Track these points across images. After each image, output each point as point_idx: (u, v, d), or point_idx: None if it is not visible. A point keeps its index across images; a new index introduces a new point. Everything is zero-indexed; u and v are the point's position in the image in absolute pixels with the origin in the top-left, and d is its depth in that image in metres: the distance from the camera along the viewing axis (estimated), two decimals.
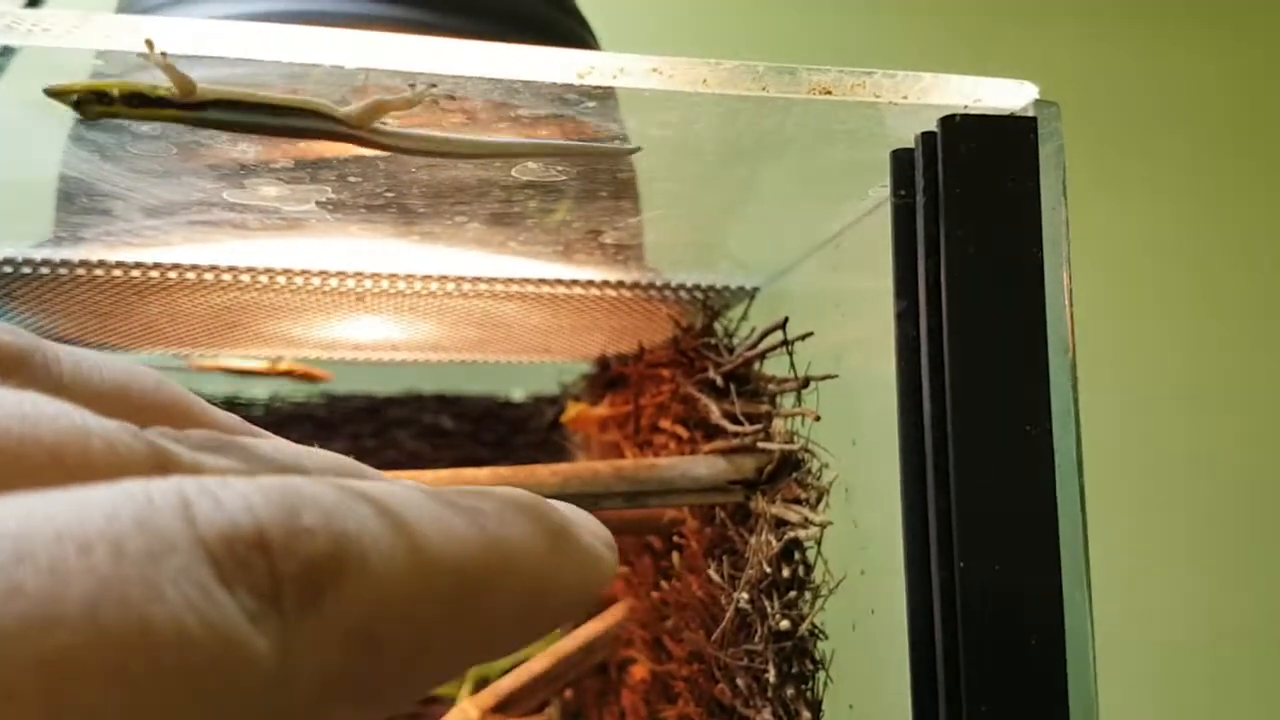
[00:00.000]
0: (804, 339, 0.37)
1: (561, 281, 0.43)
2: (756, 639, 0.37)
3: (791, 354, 0.37)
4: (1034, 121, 0.27)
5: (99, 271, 0.38)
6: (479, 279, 0.42)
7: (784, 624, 0.36)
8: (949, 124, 0.27)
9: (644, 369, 0.50)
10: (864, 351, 0.34)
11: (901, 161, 0.28)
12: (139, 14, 0.36)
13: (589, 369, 0.61)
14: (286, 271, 0.40)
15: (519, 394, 0.69)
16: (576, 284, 0.43)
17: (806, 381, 0.37)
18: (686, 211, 0.38)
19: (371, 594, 0.11)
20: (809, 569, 0.36)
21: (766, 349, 0.39)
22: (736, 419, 0.39)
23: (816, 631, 0.36)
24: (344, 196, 0.32)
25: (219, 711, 0.09)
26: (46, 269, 0.38)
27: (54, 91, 0.24)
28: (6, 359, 0.13)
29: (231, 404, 0.63)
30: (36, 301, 0.41)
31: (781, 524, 0.37)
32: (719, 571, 0.40)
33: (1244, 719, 0.82)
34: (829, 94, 0.27)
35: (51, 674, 0.08)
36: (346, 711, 0.11)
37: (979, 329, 0.26)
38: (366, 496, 0.11)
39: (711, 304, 0.46)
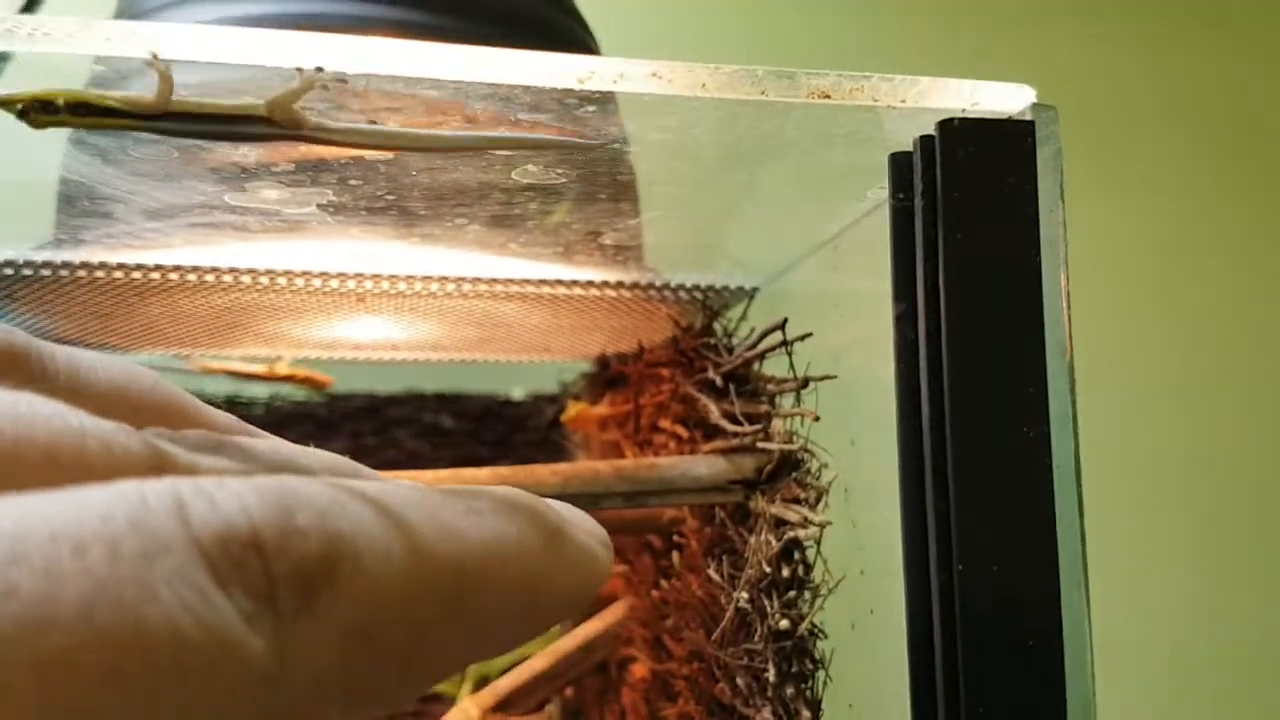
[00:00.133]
0: (803, 339, 0.37)
1: (561, 282, 0.43)
2: (756, 638, 0.37)
3: (791, 354, 0.37)
4: (1032, 125, 0.27)
5: (99, 273, 0.38)
6: (479, 280, 0.42)
7: (784, 623, 0.36)
8: (947, 128, 0.27)
9: (644, 368, 0.50)
10: (863, 352, 0.34)
11: (900, 165, 0.28)
12: (139, 15, 0.37)
13: (589, 368, 0.61)
14: (288, 273, 0.40)
15: (519, 393, 0.69)
16: (576, 284, 0.43)
17: (806, 382, 0.37)
18: (686, 213, 0.38)
19: (367, 593, 0.11)
20: (808, 569, 0.37)
21: (766, 349, 0.39)
22: (736, 419, 0.39)
23: (816, 631, 0.36)
24: (345, 199, 0.32)
25: (215, 712, 0.09)
26: (47, 271, 0.38)
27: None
28: (1, 359, 0.13)
29: (232, 404, 0.63)
30: (37, 303, 0.41)
31: (781, 524, 0.37)
32: (719, 571, 0.40)
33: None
34: (828, 98, 0.27)
35: (47, 675, 0.08)
36: (344, 711, 0.11)
37: (977, 332, 0.26)
38: (362, 496, 0.11)
39: (711, 304, 0.46)
